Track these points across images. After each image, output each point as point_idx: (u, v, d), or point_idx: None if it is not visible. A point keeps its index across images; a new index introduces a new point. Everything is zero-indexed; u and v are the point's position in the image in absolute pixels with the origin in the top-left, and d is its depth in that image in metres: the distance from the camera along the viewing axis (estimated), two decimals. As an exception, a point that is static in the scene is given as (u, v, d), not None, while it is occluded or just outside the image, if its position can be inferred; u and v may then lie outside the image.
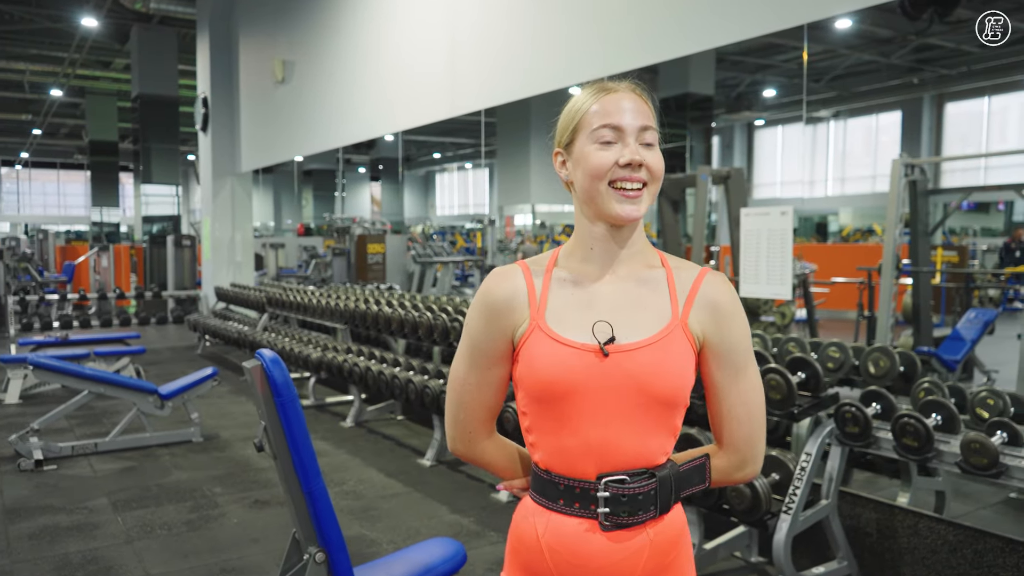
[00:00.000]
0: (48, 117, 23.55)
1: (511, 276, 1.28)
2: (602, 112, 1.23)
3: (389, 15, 7.33)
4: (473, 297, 1.33)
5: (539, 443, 1.26)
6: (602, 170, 1.21)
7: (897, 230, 6.01)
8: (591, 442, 1.21)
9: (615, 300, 1.24)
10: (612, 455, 1.21)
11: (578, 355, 1.20)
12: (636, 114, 1.23)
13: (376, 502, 4.31)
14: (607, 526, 1.21)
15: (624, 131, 1.22)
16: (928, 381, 3.26)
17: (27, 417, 5.88)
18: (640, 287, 1.25)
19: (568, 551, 1.23)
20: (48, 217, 33.66)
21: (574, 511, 1.23)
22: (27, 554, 3.56)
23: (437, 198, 38.08)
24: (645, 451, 1.22)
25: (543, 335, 1.23)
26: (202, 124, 11.20)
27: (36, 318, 11.35)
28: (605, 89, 1.25)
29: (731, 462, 1.29)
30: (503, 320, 1.27)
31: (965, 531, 2.95)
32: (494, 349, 1.28)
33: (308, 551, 2.14)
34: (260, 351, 2.05)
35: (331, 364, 6.03)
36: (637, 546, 1.22)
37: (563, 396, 1.21)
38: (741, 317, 1.27)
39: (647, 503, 1.21)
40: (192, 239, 13.13)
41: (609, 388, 1.20)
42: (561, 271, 1.28)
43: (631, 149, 1.21)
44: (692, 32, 4.34)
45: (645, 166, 1.21)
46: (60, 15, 14.12)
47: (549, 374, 1.21)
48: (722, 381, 1.26)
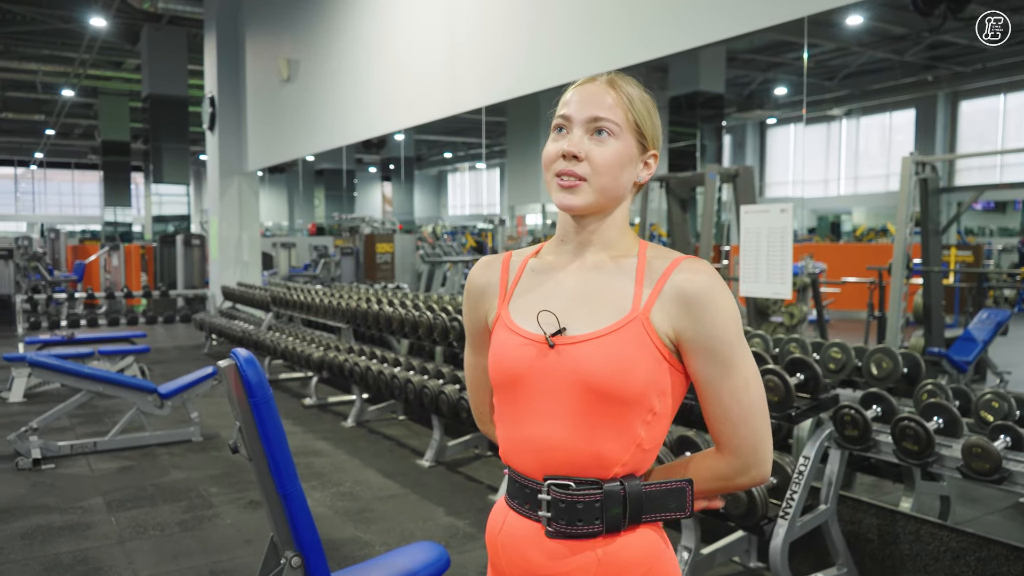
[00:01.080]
0: (61, 117, 23.72)
1: (490, 266, 1.31)
2: (564, 102, 1.21)
3: (391, 14, 7.29)
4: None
5: (500, 434, 1.24)
6: (548, 160, 1.19)
7: (908, 229, 5.92)
8: (536, 438, 1.16)
9: (574, 290, 1.19)
10: (555, 455, 1.14)
11: (526, 345, 1.17)
12: (589, 104, 1.16)
13: (372, 503, 4.26)
14: (551, 532, 1.15)
15: (572, 121, 1.17)
16: (931, 383, 3.18)
17: (30, 416, 5.88)
18: (604, 276, 1.18)
19: (517, 553, 1.18)
20: (63, 217, 33.92)
21: (524, 511, 1.19)
22: (18, 554, 3.53)
23: (449, 198, 38.10)
24: (597, 457, 1.13)
25: (503, 324, 1.23)
26: (209, 123, 11.21)
27: (45, 317, 11.40)
28: (583, 81, 1.21)
29: (732, 467, 1.16)
30: (479, 307, 1.30)
31: (968, 538, 2.87)
32: (478, 334, 1.33)
33: (285, 555, 2.08)
34: (235, 350, 2.00)
35: (332, 363, 5.99)
36: (582, 563, 1.14)
37: (512, 386, 1.18)
38: (721, 306, 1.12)
39: (590, 515, 1.12)
40: (201, 238, 13.16)
41: (552, 381, 1.14)
42: (537, 260, 1.27)
43: (571, 140, 1.16)
44: (691, 27, 4.27)
45: (587, 158, 1.15)
46: (70, 15, 14.19)
47: (502, 362, 1.19)
48: (710, 378, 1.13)
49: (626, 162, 1.17)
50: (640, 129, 1.19)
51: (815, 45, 15.71)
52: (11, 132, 27.92)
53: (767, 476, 1.19)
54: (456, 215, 36.36)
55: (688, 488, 1.17)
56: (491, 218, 19.73)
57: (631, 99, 1.19)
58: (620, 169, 1.17)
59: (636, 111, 1.19)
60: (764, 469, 1.18)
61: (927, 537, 2.96)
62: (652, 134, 1.21)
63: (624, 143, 1.17)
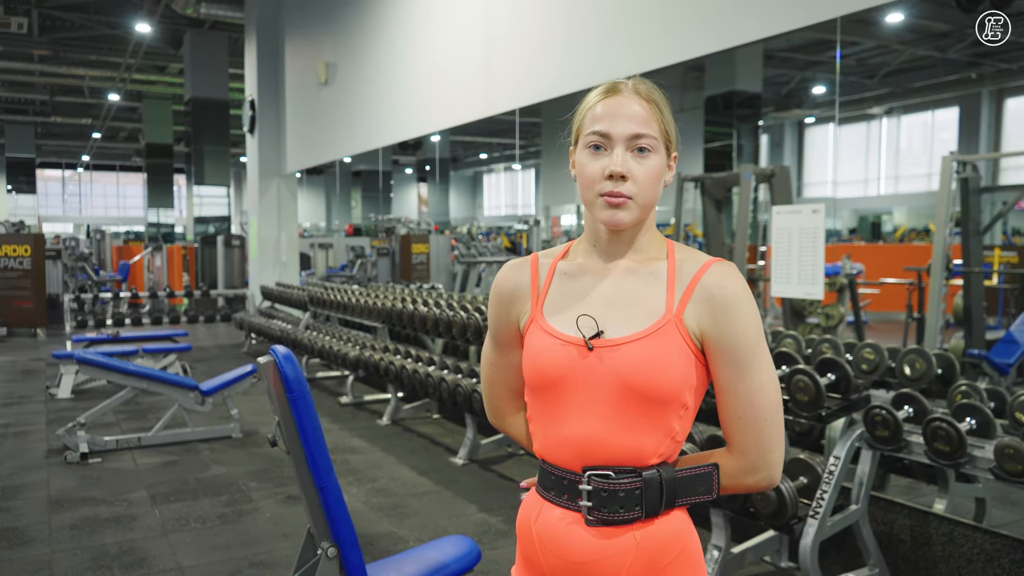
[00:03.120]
0: (107, 121, 24.30)
1: (519, 268, 1.34)
2: (596, 118, 1.22)
3: (426, 16, 7.38)
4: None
5: (536, 432, 1.29)
6: (590, 180, 1.21)
7: (948, 229, 5.84)
8: (575, 434, 1.21)
9: (609, 294, 1.24)
10: (596, 449, 1.20)
11: (564, 348, 1.22)
12: (629, 121, 1.20)
13: (406, 500, 4.33)
14: (591, 520, 1.21)
15: (612, 139, 1.20)
16: (965, 384, 3.15)
17: (77, 411, 6.07)
18: (637, 281, 1.24)
19: (554, 542, 1.24)
20: (108, 218, 34.75)
21: (562, 502, 1.24)
22: (67, 544, 3.67)
23: (485, 198, 38.23)
24: (635, 449, 1.20)
25: (538, 327, 1.27)
26: (249, 126, 11.42)
27: (91, 316, 11.71)
28: (607, 91, 1.24)
29: (740, 466, 1.22)
30: (510, 310, 1.34)
31: (1003, 540, 2.85)
32: (505, 335, 1.36)
33: (321, 546, 2.15)
34: (274, 347, 2.07)
35: (368, 362, 6.09)
36: (622, 546, 1.20)
37: (551, 387, 1.23)
38: (744, 310, 1.19)
39: (631, 502, 1.19)
40: (241, 239, 13.40)
41: (593, 382, 1.20)
42: (566, 264, 1.31)
43: (616, 160, 1.19)
44: (723, 28, 4.28)
45: (631, 177, 1.19)
46: (117, 22, 14.57)
47: (539, 365, 1.24)
48: (726, 379, 1.20)
49: (662, 173, 1.23)
50: (668, 135, 1.24)
51: (854, 43, 15.49)
52: (60, 136, 28.70)
53: (775, 480, 1.23)
54: (492, 215, 36.47)
55: (715, 472, 1.24)
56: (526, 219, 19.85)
57: (660, 108, 1.23)
58: (659, 182, 1.23)
59: (665, 119, 1.23)
60: (772, 473, 1.22)
61: (960, 539, 2.95)
62: (675, 136, 1.26)
63: (660, 156, 1.22)
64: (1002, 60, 17.12)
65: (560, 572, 1.23)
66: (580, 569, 1.21)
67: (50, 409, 6.50)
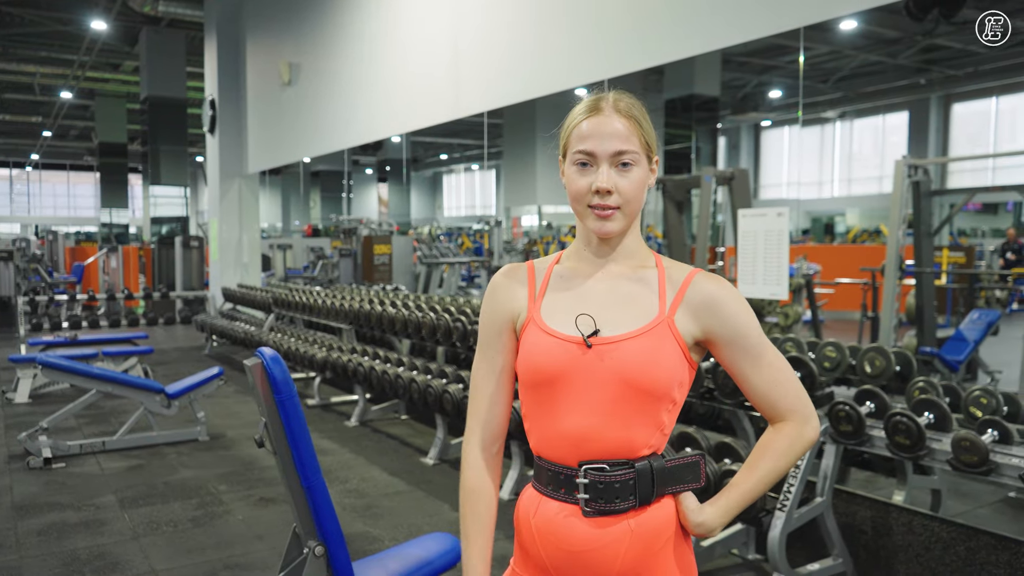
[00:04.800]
0: (58, 119, 23.74)
1: (516, 271, 1.42)
2: (581, 136, 1.31)
3: (394, 17, 7.39)
4: (480, 297, 1.41)
5: (532, 429, 1.35)
6: (579, 195, 1.31)
7: (901, 231, 6.04)
8: (573, 430, 1.28)
9: (604, 296, 1.33)
10: (593, 443, 1.27)
11: (563, 346, 1.29)
12: (611, 139, 1.29)
13: (379, 500, 4.36)
14: (588, 512, 1.27)
15: (597, 157, 1.29)
16: (923, 380, 3.29)
17: (36, 416, 5.96)
18: (630, 285, 1.33)
19: (553, 535, 1.30)
20: (58, 219, 33.92)
21: (560, 496, 1.31)
22: (36, 550, 3.62)
23: (444, 199, 38.16)
24: (627, 442, 1.27)
25: (536, 326, 1.34)
26: (210, 126, 11.29)
27: (46, 318, 11.45)
28: (589, 109, 1.33)
29: (797, 423, 1.33)
30: (506, 310, 1.39)
31: (958, 528, 2.99)
32: (497, 337, 1.40)
33: (308, 545, 2.18)
34: (260, 349, 2.10)
35: (336, 364, 6.09)
36: (617, 534, 1.27)
37: (549, 384, 1.30)
38: (741, 304, 1.32)
39: (625, 492, 1.27)
40: (200, 240, 13.22)
41: (591, 378, 1.27)
42: (561, 268, 1.40)
43: (602, 177, 1.28)
44: (693, 34, 4.38)
45: (616, 191, 1.29)
46: (70, 18, 14.25)
47: (538, 362, 1.31)
48: (748, 364, 1.31)
49: (645, 181, 1.33)
50: (648, 145, 1.34)
51: (809, 48, 15.84)
52: (8, 134, 27.95)
53: (819, 424, 1.38)
54: (451, 216, 36.43)
55: (701, 461, 1.34)
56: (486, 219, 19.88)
57: (639, 121, 1.33)
58: (643, 190, 1.32)
59: (644, 131, 1.33)
60: (816, 418, 1.36)
61: (919, 528, 3.08)
62: (654, 143, 1.36)
63: (642, 167, 1.32)
64: (949, 66, 17.66)
65: (559, 562, 1.30)
66: (579, 558, 1.28)
67: (8, 414, 6.37)
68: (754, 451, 1.35)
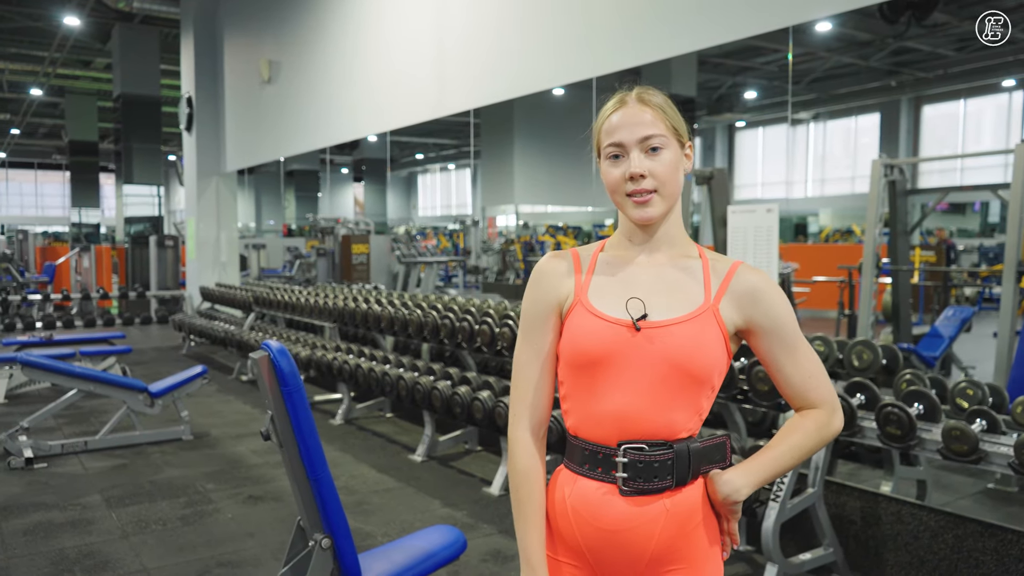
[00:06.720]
0: (27, 117, 23.32)
1: (562, 257, 1.44)
2: (610, 130, 1.36)
3: (377, 15, 7.37)
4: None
5: (571, 409, 1.38)
6: (615, 185, 1.36)
7: (877, 230, 6.14)
8: (616, 410, 1.31)
9: (651, 282, 1.37)
10: (634, 424, 1.31)
11: (612, 328, 1.32)
12: (636, 127, 1.33)
13: (369, 497, 4.35)
14: (626, 491, 1.30)
15: (626, 146, 1.33)
16: (910, 373, 3.36)
17: (14, 416, 5.87)
18: (676, 272, 1.38)
19: (590, 513, 1.33)
20: (25, 218, 33.29)
21: (596, 475, 1.33)
22: (23, 549, 3.57)
23: (420, 199, 38.06)
24: (667, 424, 1.31)
25: (583, 310, 1.36)
26: (187, 124, 11.17)
27: (18, 318, 11.26)
28: (615, 105, 1.37)
29: (826, 411, 1.38)
30: (553, 293, 1.41)
31: (946, 517, 3.05)
32: (541, 321, 1.41)
33: (314, 537, 2.18)
34: (267, 342, 2.10)
35: (320, 362, 6.06)
36: (654, 513, 1.30)
37: (595, 365, 1.33)
38: (782, 297, 1.37)
39: (663, 472, 1.30)
40: (175, 239, 13.08)
41: (638, 360, 1.30)
42: (605, 255, 1.43)
43: (633, 163, 1.33)
44: (677, 34, 4.43)
45: (650, 175, 1.32)
46: (41, 13, 14.01)
47: (585, 344, 1.33)
48: (786, 354, 1.36)
49: (678, 163, 1.36)
50: (677, 130, 1.37)
51: (780, 51, 16.03)
52: (-27, 132, 27.43)
53: (843, 418, 1.45)
54: (427, 216, 36.33)
55: (727, 440, 1.38)
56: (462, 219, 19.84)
57: (663, 108, 1.37)
58: (677, 172, 1.36)
59: (670, 117, 1.37)
60: (841, 411, 1.42)
61: (907, 518, 3.14)
62: (683, 129, 1.39)
63: (672, 149, 1.35)
64: (920, 69, 17.96)
65: (594, 542, 1.32)
66: (614, 537, 1.31)
67: (-16, 415, 6.26)
68: (783, 429, 1.39)
